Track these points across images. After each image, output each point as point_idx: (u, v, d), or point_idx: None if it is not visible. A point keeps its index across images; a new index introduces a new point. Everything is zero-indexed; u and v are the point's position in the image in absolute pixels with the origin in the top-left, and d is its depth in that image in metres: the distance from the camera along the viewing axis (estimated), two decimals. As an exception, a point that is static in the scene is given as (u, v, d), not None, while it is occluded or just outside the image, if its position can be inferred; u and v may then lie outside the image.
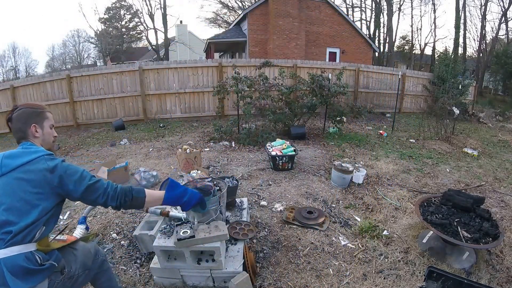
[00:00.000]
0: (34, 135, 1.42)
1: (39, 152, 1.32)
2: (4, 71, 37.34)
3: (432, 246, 2.49)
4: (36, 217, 1.23)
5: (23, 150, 1.32)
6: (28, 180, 1.25)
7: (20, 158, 1.28)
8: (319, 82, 6.25)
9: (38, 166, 1.27)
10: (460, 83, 9.95)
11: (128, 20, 27.21)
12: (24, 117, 1.42)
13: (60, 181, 1.29)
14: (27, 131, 1.41)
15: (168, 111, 8.29)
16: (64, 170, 1.31)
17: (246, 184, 3.81)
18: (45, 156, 1.32)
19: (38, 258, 1.21)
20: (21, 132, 1.41)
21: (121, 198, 1.38)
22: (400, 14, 34.25)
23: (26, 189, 1.24)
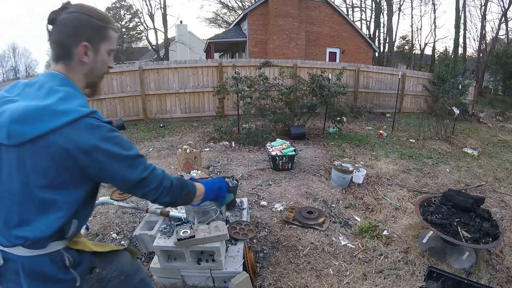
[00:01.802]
0: (81, 59, 0.93)
1: (72, 113, 0.82)
2: (4, 71, 37.43)
3: (432, 246, 2.49)
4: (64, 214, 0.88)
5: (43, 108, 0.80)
6: (51, 161, 0.81)
7: (39, 123, 0.79)
8: (319, 82, 6.25)
9: (68, 140, 0.80)
10: (460, 83, 9.94)
11: (128, 20, 27.25)
12: (75, 26, 0.91)
13: (101, 168, 0.86)
14: (72, 49, 0.92)
15: (168, 111, 8.29)
16: (108, 153, 0.85)
17: (246, 184, 3.81)
18: (81, 120, 0.82)
19: (67, 260, 0.92)
20: (61, 48, 0.92)
21: (176, 194, 1.04)
22: (400, 14, 34.31)
23: (47, 175, 0.82)
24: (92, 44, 0.94)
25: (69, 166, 0.83)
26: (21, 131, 0.80)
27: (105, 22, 0.97)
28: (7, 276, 0.91)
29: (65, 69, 0.94)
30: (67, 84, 0.91)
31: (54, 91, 0.86)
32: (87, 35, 0.93)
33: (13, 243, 0.86)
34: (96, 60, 0.97)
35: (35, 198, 0.84)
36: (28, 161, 0.82)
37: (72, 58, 0.93)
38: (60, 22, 0.91)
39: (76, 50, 0.92)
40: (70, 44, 0.91)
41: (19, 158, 0.83)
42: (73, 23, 0.91)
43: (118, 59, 25.66)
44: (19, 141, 0.81)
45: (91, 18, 0.93)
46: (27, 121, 0.80)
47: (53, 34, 0.92)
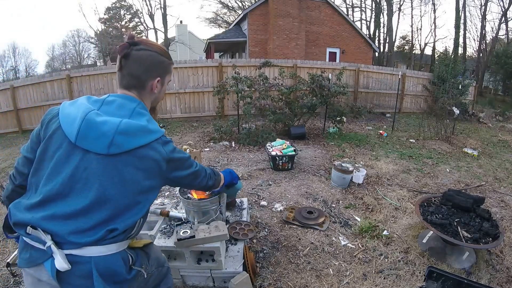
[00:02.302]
0: (152, 91, 1.10)
1: (157, 132, 1.01)
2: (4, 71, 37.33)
3: (432, 246, 2.49)
4: (144, 213, 1.02)
5: (142, 126, 0.97)
6: (142, 170, 0.96)
7: (137, 138, 0.94)
8: (319, 82, 6.25)
9: (155, 152, 0.98)
10: (460, 83, 9.94)
11: (128, 20, 27.26)
12: (151, 63, 1.07)
13: (173, 170, 1.07)
14: (147, 83, 1.08)
15: (168, 111, 8.29)
16: (178, 159, 1.08)
17: (246, 184, 3.81)
18: (162, 137, 1.03)
19: (130, 258, 1.02)
20: (136, 80, 1.06)
21: (213, 179, 1.35)
22: (400, 14, 34.29)
23: (138, 181, 0.96)
24: (162, 77, 1.12)
25: (155, 173, 1.01)
26: (123, 142, 0.92)
27: (169, 59, 1.16)
28: (73, 281, 0.89)
29: (137, 96, 1.08)
30: (145, 108, 1.08)
31: (139, 113, 1.03)
32: (159, 71, 1.11)
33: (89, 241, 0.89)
34: (161, 91, 1.17)
35: (126, 199, 0.95)
36: (123, 170, 0.93)
37: (144, 88, 1.09)
38: (135, 57, 1.05)
39: (150, 83, 1.09)
40: (146, 78, 1.08)
41: (115, 167, 0.92)
42: (148, 60, 1.06)
43: (118, 59, 25.67)
44: (118, 151, 0.92)
45: (162, 56, 1.11)
46: (130, 134, 0.93)
47: (127, 67, 1.05)
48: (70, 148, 0.91)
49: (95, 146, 0.90)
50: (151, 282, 1.19)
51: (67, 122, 0.92)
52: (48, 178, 0.91)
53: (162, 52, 1.11)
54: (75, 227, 0.88)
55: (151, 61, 1.06)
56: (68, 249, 0.87)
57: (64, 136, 0.92)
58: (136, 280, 1.05)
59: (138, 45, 1.05)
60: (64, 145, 0.92)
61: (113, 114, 0.97)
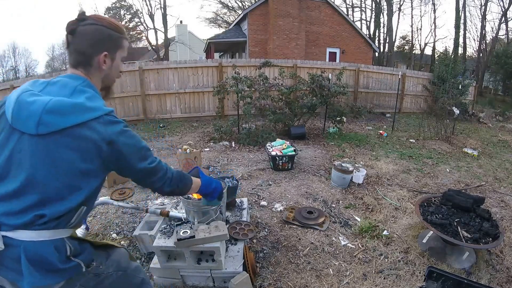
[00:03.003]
0: (100, 67, 1.05)
1: (98, 110, 0.94)
2: (4, 71, 37.36)
3: (432, 246, 2.49)
4: (80, 201, 0.95)
5: (76, 103, 0.91)
6: (77, 150, 0.90)
7: (71, 116, 0.88)
8: (319, 82, 6.25)
9: (95, 132, 0.91)
10: (460, 83, 9.94)
11: (128, 20, 27.19)
12: (96, 37, 1.02)
13: (118, 157, 0.98)
14: (93, 58, 1.03)
15: (168, 111, 8.29)
16: (125, 144, 0.98)
17: (246, 184, 3.81)
18: (105, 116, 0.95)
19: (69, 248, 0.95)
20: (82, 56, 1.02)
21: (175, 184, 1.17)
22: (400, 14, 34.27)
23: (72, 163, 0.90)
24: (110, 53, 1.07)
25: (94, 156, 0.93)
26: (52, 121, 0.87)
27: (120, 33, 1.09)
28: (6, 263, 0.90)
29: (84, 74, 1.04)
30: (89, 85, 1.02)
31: (80, 90, 0.97)
32: (106, 46, 1.05)
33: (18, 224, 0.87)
34: (112, 67, 1.10)
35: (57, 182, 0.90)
36: (55, 151, 0.89)
37: (91, 65, 1.04)
38: (81, 33, 1.01)
39: (96, 58, 1.03)
40: (91, 53, 1.03)
41: (45, 148, 0.88)
42: (94, 34, 1.02)
43: (118, 59, 25.64)
44: (47, 130, 0.87)
45: (110, 29, 1.05)
46: (60, 112, 0.88)
47: (74, 43, 1.02)
48: (10, 131, 0.91)
49: (26, 126, 0.88)
50: (107, 284, 1.10)
51: (8, 106, 0.92)
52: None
53: (111, 26, 1.05)
54: (7, 209, 0.88)
55: (96, 35, 1.02)
56: (3, 231, 0.88)
57: (6, 119, 0.92)
58: (81, 274, 0.99)
59: (86, 20, 1.01)
60: (6, 128, 0.92)
61: (55, 94, 0.93)
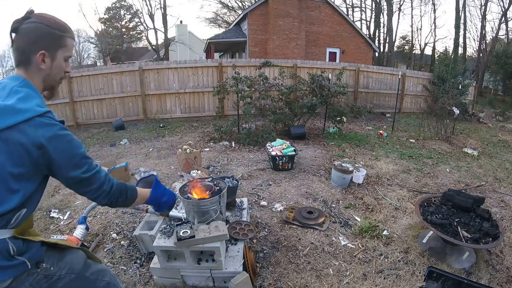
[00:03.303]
0: (39, 66, 1.03)
1: (29, 112, 0.91)
2: (4, 71, 37.36)
3: (432, 246, 2.49)
4: (15, 205, 0.93)
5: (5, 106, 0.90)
6: (8, 154, 0.89)
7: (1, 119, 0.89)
8: (319, 82, 6.25)
9: (24, 135, 0.90)
10: (460, 83, 9.95)
11: (128, 20, 27.20)
12: (34, 35, 1.00)
13: (50, 162, 0.96)
14: (31, 57, 1.01)
15: (168, 111, 8.29)
16: (57, 149, 0.95)
17: (246, 184, 3.81)
18: (37, 118, 0.92)
19: (11, 248, 0.94)
20: (22, 55, 1.02)
21: (114, 198, 1.13)
22: (400, 14, 34.33)
23: (3, 167, 0.90)
24: (49, 51, 1.04)
25: (24, 160, 0.92)
26: None
27: (62, 31, 1.06)
28: None
29: (25, 74, 1.03)
30: (26, 85, 1.00)
31: (15, 91, 0.96)
32: (45, 44, 1.02)
33: None
34: (53, 66, 1.06)
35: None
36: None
37: (31, 64, 1.02)
38: (22, 31, 1.00)
39: (34, 57, 1.01)
40: (30, 51, 1.01)
41: None
42: (33, 32, 1.01)
43: (118, 59, 25.67)
44: None
45: (50, 28, 1.03)
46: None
47: (16, 41, 1.01)
48: None
49: None
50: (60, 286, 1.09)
51: None
52: None
53: (53, 24, 1.03)
54: None
55: (35, 33, 1.00)
56: None
57: None
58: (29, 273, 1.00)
59: (29, 19, 1.01)
60: None
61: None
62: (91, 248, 2.48)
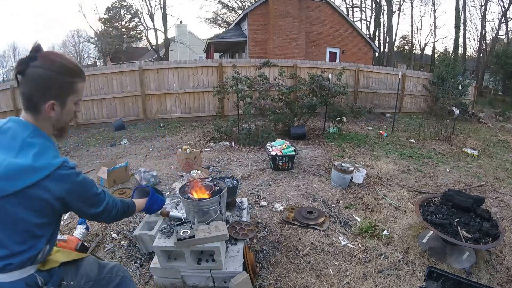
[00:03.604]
0: (48, 115, 1.00)
1: (47, 168, 0.93)
2: (4, 71, 37.43)
3: (432, 246, 2.49)
4: (41, 247, 0.99)
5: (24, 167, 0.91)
6: (32, 210, 0.93)
7: (21, 180, 0.90)
8: (319, 82, 6.25)
9: (46, 191, 0.93)
10: (460, 83, 9.94)
11: (128, 20, 27.21)
12: (42, 84, 0.96)
13: (69, 208, 1.04)
14: (40, 106, 0.98)
15: (168, 111, 8.29)
16: (76, 198, 1.02)
17: (246, 184, 3.81)
18: (56, 172, 0.95)
19: (40, 281, 1.01)
20: (29, 102, 0.98)
21: (119, 217, 1.27)
22: (400, 14, 34.30)
23: (30, 221, 0.94)
24: (59, 100, 1.01)
25: (47, 212, 0.97)
26: (4, 186, 0.90)
27: (73, 76, 1.02)
28: None
29: (33, 120, 1.00)
30: (38, 135, 0.99)
31: (28, 144, 0.95)
32: (54, 93, 0.99)
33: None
34: (63, 113, 1.04)
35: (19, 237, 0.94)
36: (11, 211, 0.91)
37: (40, 112, 0.99)
38: (29, 76, 0.95)
39: (43, 106, 0.98)
40: (38, 100, 0.97)
41: (2, 209, 0.91)
42: (41, 80, 0.95)
43: (118, 59, 25.67)
44: (2, 194, 0.90)
45: (59, 75, 0.98)
46: (10, 178, 0.90)
47: (22, 86, 0.97)
48: None
49: None
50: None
51: None
52: None
53: (62, 70, 0.98)
54: None
55: (43, 81, 0.95)
56: None
57: None
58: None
59: (36, 60, 0.95)
60: None
61: (5, 147, 0.94)
62: (91, 248, 2.48)
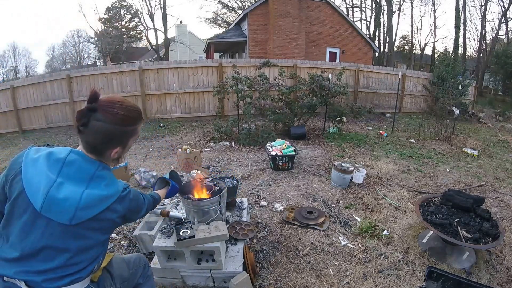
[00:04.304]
0: (111, 158, 1.12)
1: (115, 194, 1.06)
2: (4, 71, 37.40)
3: (432, 246, 2.49)
4: (102, 253, 1.14)
5: (102, 197, 1.02)
6: (101, 229, 1.06)
7: (97, 207, 1.01)
8: (319, 82, 6.25)
9: (112, 212, 1.06)
10: (460, 83, 9.94)
11: (128, 20, 27.21)
12: (107, 137, 1.05)
13: (126, 220, 1.16)
14: (105, 153, 1.09)
15: (168, 111, 8.29)
16: (132, 213, 1.16)
17: (246, 184, 3.81)
18: (120, 195, 1.08)
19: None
20: (94, 150, 1.07)
21: (149, 210, 1.37)
22: (400, 14, 34.22)
23: (98, 239, 1.07)
24: (122, 145, 1.12)
25: (111, 229, 1.13)
26: (84, 214, 0.99)
27: (134, 124, 1.12)
28: None
29: (98, 159, 1.10)
30: (105, 168, 1.10)
31: (98, 176, 1.05)
32: (118, 141, 1.09)
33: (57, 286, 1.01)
34: (124, 151, 1.16)
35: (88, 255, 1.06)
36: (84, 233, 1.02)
37: (104, 155, 1.10)
38: (91, 129, 1.02)
39: (108, 152, 1.09)
40: (102, 148, 1.08)
41: (75, 232, 1.00)
42: (106, 134, 1.04)
43: (118, 59, 25.66)
44: (80, 221, 0.99)
45: (122, 126, 1.07)
46: (90, 207, 1.00)
47: (85, 135, 1.04)
48: (36, 215, 0.97)
49: (58, 218, 0.97)
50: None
51: (31, 190, 0.98)
52: (20, 237, 0.99)
53: (124, 122, 1.07)
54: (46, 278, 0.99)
55: (108, 134, 1.04)
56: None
57: (29, 202, 0.97)
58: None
59: (96, 113, 1.01)
60: (29, 210, 0.98)
61: (73, 178, 1.01)
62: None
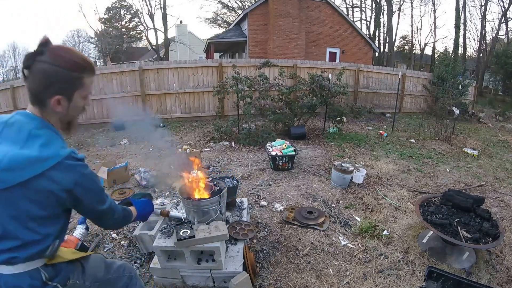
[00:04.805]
0: (54, 110, 0.97)
1: (54, 157, 0.92)
2: (4, 71, 37.44)
3: (432, 246, 2.49)
4: (50, 243, 0.99)
5: (29, 157, 0.89)
6: (38, 201, 0.92)
7: (26, 170, 0.88)
8: (319, 82, 6.25)
9: (53, 182, 0.91)
10: (460, 83, 9.94)
11: (128, 20, 27.21)
12: (48, 79, 0.93)
13: (77, 202, 1.01)
14: (46, 101, 0.96)
15: (168, 111, 8.28)
16: (83, 190, 0.99)
17: (246, 184, 3.81)
18: (63, 161, 0.93)
19: (43, 275, 1.00)
20: (35, 97, 0.96)
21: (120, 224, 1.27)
22: (400, 14, 34.24)
23: (36, 213, 0.93)
24: (65, 95, 0.98)
25: (54, 204, 0.95)
26: (9, 177, 0.88)
27: (80, 71, 0.99)
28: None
29: (40, 113, 0.99)
30: (44, 126, 0.97)
31: (35, 135, 0.93)
32: (59, 88, 0.96)
33: None
34: (69, 108, 1.01)
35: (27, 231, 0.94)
36: (17, 203, 0.91)
37: (46, 106, 0.97)
38: (35, 71, 0.93)
39: (49, 101, 0.96)
40: (43, 95, 0.95)
41: (7, 200, 0.90)
42: (46, 75, 0.93)
43: (118, 59, 25.65)
44: (5, 186, 0.89)
45: (65, 70, 0.95)
46: (15, 169, 0.88)
47: (28, 80, 0.95)
48: None
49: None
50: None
51: None
52: None
53: (69, 65, 0.95)
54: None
55: (48, 77, 0.93)
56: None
57: None
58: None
59: (43, 55, 0.93)
60: None
61: (10, 140, 0.92)
62: (91, 248, 2.48)
